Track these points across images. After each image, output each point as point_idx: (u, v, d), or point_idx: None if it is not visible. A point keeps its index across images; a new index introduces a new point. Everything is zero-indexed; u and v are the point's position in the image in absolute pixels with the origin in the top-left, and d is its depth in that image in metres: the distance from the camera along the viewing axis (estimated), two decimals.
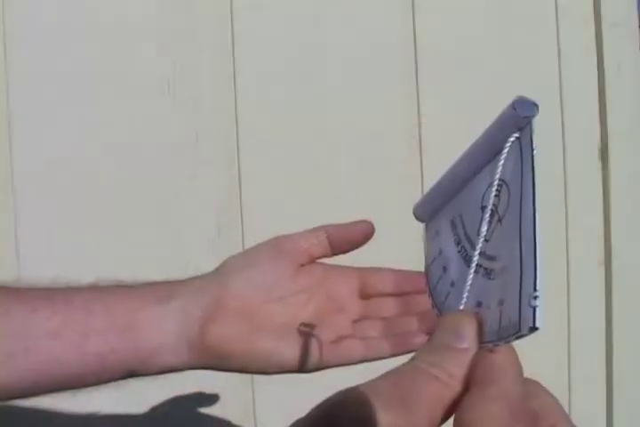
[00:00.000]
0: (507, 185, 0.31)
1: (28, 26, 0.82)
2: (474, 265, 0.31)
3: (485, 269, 0.30)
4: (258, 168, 0.87)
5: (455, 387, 0.28)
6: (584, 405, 0.93)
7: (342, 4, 0.89)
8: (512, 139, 0.31)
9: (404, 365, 0.30)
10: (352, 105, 0.89)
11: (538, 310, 0.26)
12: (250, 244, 0.54)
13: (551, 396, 0.30)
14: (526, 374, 0.29)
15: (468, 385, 0.28)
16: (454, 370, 0.29)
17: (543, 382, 0.30)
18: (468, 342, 0.29)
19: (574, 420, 0.29)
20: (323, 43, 0.89)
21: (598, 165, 0.96)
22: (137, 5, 0.84)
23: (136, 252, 0.83)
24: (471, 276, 0.31)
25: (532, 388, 0.29)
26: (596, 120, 0.96)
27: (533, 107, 0.30)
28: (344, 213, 0.54)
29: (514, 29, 0.94)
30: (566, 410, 0.29)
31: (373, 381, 0.29)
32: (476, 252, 0.31)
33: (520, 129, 0.31)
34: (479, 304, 0.30)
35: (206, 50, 0.86)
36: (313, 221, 0.53)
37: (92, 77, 0.83)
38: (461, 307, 0.31)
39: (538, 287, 0.26)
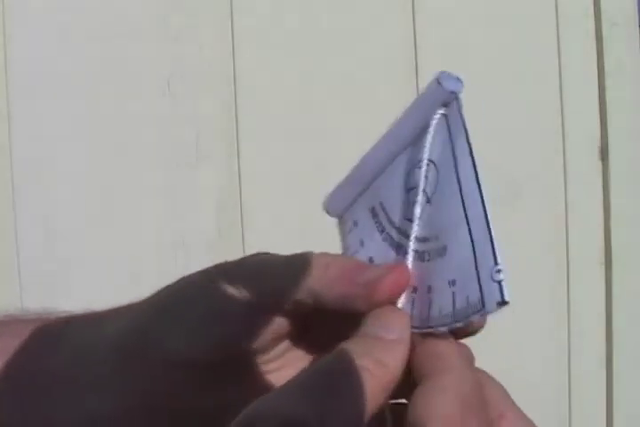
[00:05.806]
0: (433, 164, 0.29)
1: (28, 26, 0.82)
2: (411, 250, 0.29)
3: (416, 251, 0.29)
4: (258, 168, 0.87)
5: (384, 377, 0.26)
6: (584, 405, 0.93)
7: (342, 4, 0.89)
8: (437, 116, 0.29)
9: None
10: (352, 105, 0.89)
11: (504, 283, 0.25)
12: (250, 244, 0.53)
13: (499, 384, 0.28)
14: (527, 373, 0.29)
15: (417, 381, 0.26)
16: (383, 357, 0.26)
17: (543, 382, 0.30)
18: (398, 333, 0.27)
19: (574, 420, 0.29)
20: (323, 42, 0.89)
21: (598, 165, 0.96)
22: (137, 5, 0.84)
23: (136, 252, 0.83)
24: (410, 260, 0.29)
25: (480, 376, 0.27)
26: (596, 120, 0.96)
27: (458, 82, 0.29)
28: None
29: (514, 29, 0.94)
30: (566, 410, 0.29)
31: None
32: (412, 235, 0.29)
33: (445, 105, 0.29)
34: (414, 290, 0.28)
35: (206, 50, 0.86)
36: (312, 221, 0.53)
37: (92, 77, 0.83)
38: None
39: (499, 261, 0.25)
